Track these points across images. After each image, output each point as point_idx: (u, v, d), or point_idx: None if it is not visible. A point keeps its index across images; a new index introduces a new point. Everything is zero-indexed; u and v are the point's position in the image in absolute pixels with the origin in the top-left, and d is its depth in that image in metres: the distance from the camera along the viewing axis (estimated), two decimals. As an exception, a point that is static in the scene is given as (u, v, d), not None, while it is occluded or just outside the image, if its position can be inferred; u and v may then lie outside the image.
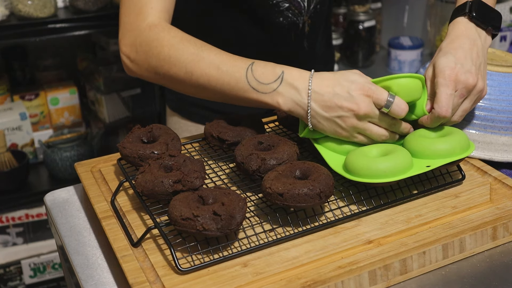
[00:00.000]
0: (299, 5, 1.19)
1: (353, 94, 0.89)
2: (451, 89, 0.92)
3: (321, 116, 0.90)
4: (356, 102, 0.88)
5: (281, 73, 0.92)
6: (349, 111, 0.89)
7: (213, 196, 0.82)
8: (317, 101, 0.90)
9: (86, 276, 0.82)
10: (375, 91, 0.89)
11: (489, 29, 1.00)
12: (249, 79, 0.93)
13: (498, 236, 0.85)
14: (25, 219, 2.10)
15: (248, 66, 0.94)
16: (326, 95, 0.89)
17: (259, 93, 0.93)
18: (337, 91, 0.89)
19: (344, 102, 0.89)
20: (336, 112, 0.89)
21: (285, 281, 0.75)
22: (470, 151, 0.92)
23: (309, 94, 0.90)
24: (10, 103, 2.12)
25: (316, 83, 0.90)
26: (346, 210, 0.87)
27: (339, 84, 0.89)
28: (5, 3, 1.89)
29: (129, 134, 0.98)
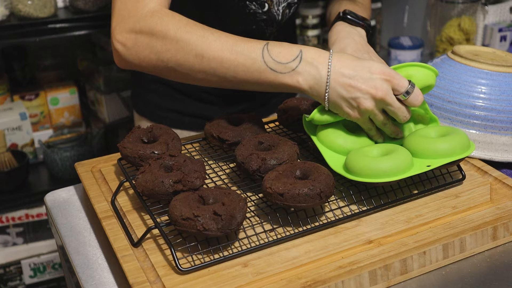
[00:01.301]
0: (274, 17, 1.20)
1: (373, 76, 0.88)
2: None
3: (338, 95, 0.89)
4: (375, 85, 0.88)
5: (299, 52, 0.90)
6: (367, 93, 0.88)
7: (214, 196, 0.82)
8: (337, 80, 0.88)
9: (87, 276, 0.82)
10: (395, 77, 0.88)
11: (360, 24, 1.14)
12: (265, 59, 0.90)
13: (499, 236, 0.85)
14: (25, 219, 2.10)
15: (263, 46, 0.91)
16: (347, 75, 0.88)
17: (277, 73, 0.90)
18: (358, 72, 0.88)
19: (363, 84, 0.88)
20: (354, 93, 0.88)
21: (285, 281, 0.75)
22: (470, 151, 0.92)
23: (328, 72, 0.88)
24: (10, 103, 2.12)
25: (336, 62, 0.89)
26: (347, 210, 0.87)
27: (359, 66, 0.89)
28: (5, 3, 1.88)
29: (129, 134, 0.98)
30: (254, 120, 1.02)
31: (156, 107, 1.33)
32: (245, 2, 1.14)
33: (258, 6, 1.16)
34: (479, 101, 1.03)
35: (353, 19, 1.14)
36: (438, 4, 2.24)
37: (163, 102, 1.32)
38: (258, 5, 1.16)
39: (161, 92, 1.32)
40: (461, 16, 2.18)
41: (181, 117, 1.32)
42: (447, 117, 1.04)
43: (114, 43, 0.98)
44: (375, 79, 0.88)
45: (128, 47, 0.96)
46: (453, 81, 1.05)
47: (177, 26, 0.93)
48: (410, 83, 0.89)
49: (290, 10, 1.22)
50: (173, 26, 0.93)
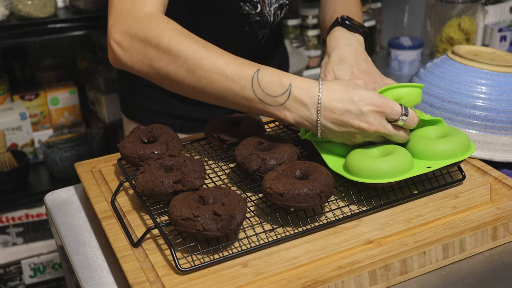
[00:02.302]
0: (267, 19, 1.20)
1: (364, 110, 0.86)
2: None
3: (330, 130, 0.89)
4: (367, 120, 0.87)
5: (288, 85, 0.88)
6: (359, 129, 0.87)
7: (213, 196, 0.82)
8: (327, 118, 0.87)
9: (86, 276, 0.82)
10: (387, 106, 0.87)
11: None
12: (255, 89, 0.88)
13: (499, 236, 0.85)
14: (25, 219, 2.10)
15: (254, 73, 0.88)
16: (337, 112, 0.87)
17: (266, 104, 0.89)
18: (348, 108, 0.86)
19: (355, 121, 0.87)
20: (347, 128, 0.88)
21: (285, 281, 0.75)
22: (470, 152, 0.92)
23: (318, 111, 0.87)
24: (10, 103, 2.12)
25: (325, 98, 0.87)
26: (346, 210, 0.87)
27: (349, 100, 0.86)
28: (5, 3, 1.88)
29: (129, 134, 0.98)
30: (254, 120, 1.02)
31: (145, 111, 1.32)
32: (239, 3, 1.14)
33: (251, 7, 1.16)
34: (479, 101, 1.03)
35: (352, 25, 1.14)
36: (438, 4, 2.24)
37: (153, 105, 1.31)
38: (252, 6, 1.16)
39: (151, 95, 1.31)
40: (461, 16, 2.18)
41: (171, 120, 1.30)
42: (447, 117, 1.04)
43: (110, 41, 0.96)
44: (366, 113, 0.86)
45: (124, 48, 0.94)
46: (453, 81, 1.05)
47: (171, 35, 0.91)
48: (403, 108, 0.88)
49: (281, 11, 1.22)
50: (167, 34, 0.91)
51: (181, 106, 1.30)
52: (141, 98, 1.32)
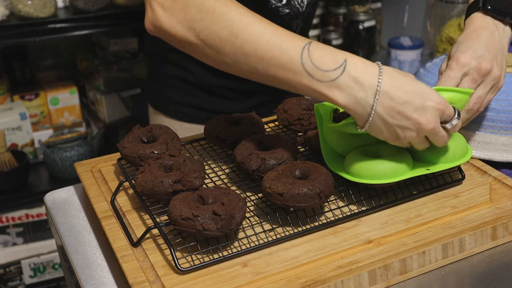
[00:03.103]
0: (297, 10, 1.19)
1: (426, 105, 0.80)
2: (455, 71, 0.89)
3: (383, 121, 0.80)
4: (426, 117, 0.80)
5: (343, 61, 0.79)
6: (416, 124, 0.80)
7: (213, 196, 0.82)
8: (385, 105, 0.79)
9: (86, 276, 0.82)
10: (446, 105, 0.81)
11: (506, 19, 0.97)
12: (304, 61, 0.79)
13: (498, 236, 0.85)
14: (25, 219, 2.10)
15: (305, 44, 0.80)
16: (397, 100, 0.79)
17: (314, 79, 0.79)
18: (410, 99, 0.79)
19: (413, 114, 0.79)
20: (401, 121, 0.80)
21: (285, 281, 0.75)
22: (469, 155, 0.92)
23: (376, 94, 0.78)
24: (10, 103, 2.12)
25: (386, 83, 0.78)
26: (346, 210, 0.87)
27: (412, 91, 0.79)
28: (5, 3, 1.89)
29: (129, 134, 0.98)
30: (254, 120, 1.03)
31: (171, 102, 1.32)
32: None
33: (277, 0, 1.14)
34: (478, 101, 1.03)
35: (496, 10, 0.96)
36: (438, 4, 2.24)
37: (179, 97, 1.31)
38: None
39: (178, 87, 1.31)
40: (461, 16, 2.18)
41: (197, 112, 1.30)
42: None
43: (152, 2, 0.85)
44: (427, 108, 0.80)
45: (166, 7, 0.84)
46: (452, 81, 1.05)
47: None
48: (456, 112, 0.83)
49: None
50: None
51: (208, 98, 1.30)
52: (168, 89, 1.32)
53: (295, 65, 0.80)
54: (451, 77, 0.90)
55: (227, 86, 1.29)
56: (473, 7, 0.98)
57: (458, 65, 0.90)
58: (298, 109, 1.05)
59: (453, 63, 0.91)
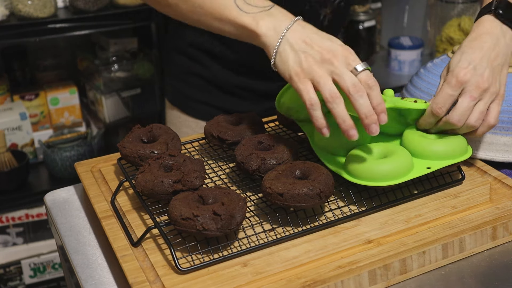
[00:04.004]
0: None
1: (332, 42, 0.86)
2: (452, 89, 0.90)
3: (289, 46, 0.86)
4: (328, 46, 0.85)
5: (271, 5, 0.90)
6: (318, 51, 0.85)
7: (213, 196, 0.82)
8: (295, 32, 0.87)
9: (86, 275, 0.82)
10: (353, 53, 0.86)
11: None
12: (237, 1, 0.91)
13: (498, 236, 0.85)
14: (25, 219, 2.10)
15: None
16: (306, 32, 0.87)
17: (242, 12, 0.90)
18: (318, 33, 0.87)
19: (318, 42, 0.86)
20: (305, 48, 0.86)
21: (285, 281, 0.75)
22: (469, 152, 0.92)
23: (290, 25, 0.87)
24: (10, 103, 2.12)
25: (301, 22, 0.88)
26: (346, 210, 0.87)
27: (322, 32, 0.88)
28: (5, 3, 1.89)
29: (129, 134, 0.98)
30: (254, 119, 1.03)
31: (187, 98, 1.33)
32: None
33: None
34: (478, 101, 1.02)
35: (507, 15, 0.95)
36: (438, 4, 2.24)
37: (195, 94, 1.31)
38: None
39: (193, 83, 1.32)
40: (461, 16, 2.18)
41: (211, 110, 1.31)
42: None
43: None
44: (333, 44, 0.85)
45: None
46: (453, 81, 1.05)
47: None
48: (365, 64, 0.85)
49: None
50: None
51: (223, 97, 1.31)
52: (184, 85, 1.33)
53: (228, 1, 0.90)
54: (449, 94, 0.90)
55: (244, 86, 1.29)
56: (485, 10, 0.98)
57: (458, 82, 0.90)
58: (298, 109, 1.05)
59: (453, 79, 0.90)
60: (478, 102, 0.91)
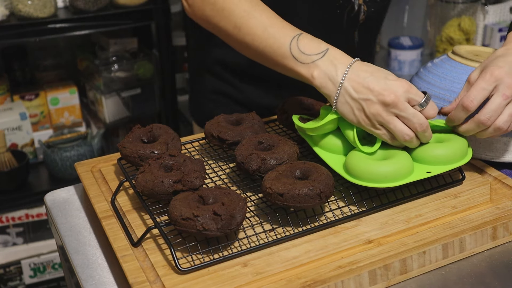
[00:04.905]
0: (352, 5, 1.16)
1: (388, 81, 0.87)
2: (487, 83, 0.88)
3: (349, 96, 0.88)
4: (387, 88, 0.86)
5: (325, 49, 0.91)
6: (378, 95, 0.86)
7: (213, 196, 0.82)
8: (351, 80, 0.88)
9: (86, 276, 0.82)
10: (412, 86, 0.88)
11: None
12: (292, 47, 0.92)
13: (498, 236, 0.85)
14: (25, 219, 2.10)
15: (296, 35, 0.93)
16: (362, 76, 0.88)
17: (297, 62, 0.92)
18: (374, 74, 0.88)
19: (376, 85, 0.87)
20: (365, 94, 0.87)
21: (285, 281, 0.75)
22: (469, 157, 0.92)
23: (346, 72, 0.88)
24: (10, 103, 2.12)
25: (356, 65, 0.89)
26: (346, 210, 0.87)
27: (377, 70, 0.89)
28: (5, 3, 1.89)
29: (129, 134, 0.98)
30: (254, 119, 1.02)
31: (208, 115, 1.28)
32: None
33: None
34: (479, 101, 1.02)
35: None
36: (438, 4, 2.24)
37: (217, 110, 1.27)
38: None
39: (220, 102, 1.30)
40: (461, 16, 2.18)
41: None
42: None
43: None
44: (390, 82, 0.87)
45: (189, 3, 1.04)
46: (453, 81, 1.05)
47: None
48: (427, 95, 0.88)
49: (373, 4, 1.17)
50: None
51: None
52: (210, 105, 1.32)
53: (283, 50, 0.93)
54: (483, 87, 0.88)
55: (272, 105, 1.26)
56: None
57: (492, 77, 0.88)
58: (298, 109, 1.05)
59: (487, 74, 0.89)
60: (509, 103, 0.89)
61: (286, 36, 0.93)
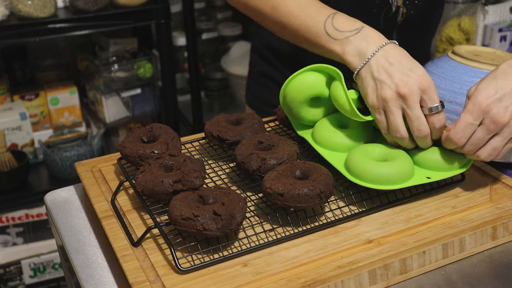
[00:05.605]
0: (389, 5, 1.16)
1: (410, 74, 0.87)
2: (473, 117, 0.85)
3: (370, 72, 0.89)
4: (406, 80, 0.86)
5: (360, 27, 0.92)
6: (394, 83, 0.86)
7: (213, 196, 0.82)
8: (378, 59, 0.88)
9: (87, 275, 0.82)
10: (431, 87, 0.87)
11: None
12: (326, 24, 0.93)
13: (498, 235, 0.85)
14: (25, 219, 2.10)
15: (331, 13, 0.95)
16: (390, 60, 0.88)
17: (331, 38, 0.93)
18: (402, 62, 0.88)
19: (397, 73, 0.87)
20: (384, 77, 0.87)
21: (285, 281, 0.75)
22: (469, 164, 0.92)
23: (376, 50, 0.89)
24: (10, 103, 2.12)
25: (388, 48, 0.89)
26: (346, 210, 0.87)
27: (407, 61, 0.88)
28: (5, 3, 1.89)
29: (129, 134, 0.98)
30: (254, 119, 1.03)
31: (262, 102, 1.34)
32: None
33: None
34: (479, 101, 1.02)
35: None
36: (438, 4, 2.23)
37: (271, 98, 1.30)
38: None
39: (269, 87, 1.32)
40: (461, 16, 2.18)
41: None
42: (449, 118, 1.04)
43: None
44: (411, 76, 0.87)
45: None
46: (454, 81, 1.05)
47: None
48: (441, 104, 0.87)
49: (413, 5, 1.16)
50: None
51: None
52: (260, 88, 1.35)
53: (318, 28, 0.94)
54: (470, 123, 0.86)
55: None
56: None
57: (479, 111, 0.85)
58: (298, 109, 1.05)
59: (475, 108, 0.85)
60: (494, 136, 0.86)
61: (321, 15, 0.95)
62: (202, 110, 2.41)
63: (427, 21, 1.25)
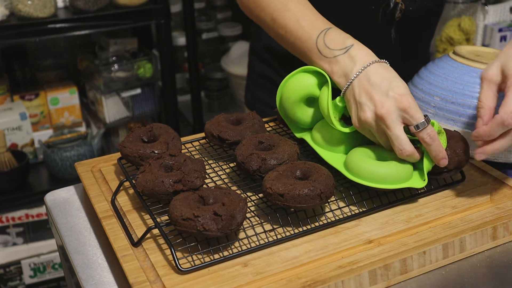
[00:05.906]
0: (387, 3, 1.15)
1: (390, 94, 0.86)
2: None
3: (352, 95, 0.89)
4: (384, 101, 0.86)
5: (350, 45, 0.92)
6: (373, 105, 0.86)
7: (214, 196, 0.82)
8: (360, 81, 0.89)
9: (87, 275, 0.82)
10: (411, 107, 0.85)
11: None
12: (318, 41, 0.95)
13: (498, 236, 0.85)
14: (25, 219, 2.10)
15: (325, 29, 0.96)
16: (371, 80, 0.88)
17: (322, 56, 0.94)
18: (380, 83, 0.87)
19: (376, 95, 0.87)
20: (364, 100, 0.88)
21: (285, 281, 0.75)
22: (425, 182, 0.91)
23: (360, 71, 0.89)
24: (10, 103, 2.12)
25: (372, 69, 0.89)
26: (347, 210, 0.87)
27: (389, 79, 0.88)
28: (5, 3, 1.89)
29: (129, 134, 0.98)
30: (254, 119, 1.02)
31: (262, 104, 1.34)
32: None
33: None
34: (480, 102, 1.02)
35: None
36: (438, 4, 2.23)
37: (270, 100, 1.29)
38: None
39: (268, 88, 1.32)
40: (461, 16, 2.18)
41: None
42: (450, 118, 1.04)
43: None
44: (390, 97, 0.86)
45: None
46: (455, 82, 1.05)
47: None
48: (426, 119, 0.85)
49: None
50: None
51: None
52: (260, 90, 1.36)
53: (310, 43, 0.96)
54: None
55: None
56: None
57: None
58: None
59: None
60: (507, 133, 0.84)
61: (315, 30, 0.96)
62: (202, 110, 2.41)
63: (426, 18, 1.25)
